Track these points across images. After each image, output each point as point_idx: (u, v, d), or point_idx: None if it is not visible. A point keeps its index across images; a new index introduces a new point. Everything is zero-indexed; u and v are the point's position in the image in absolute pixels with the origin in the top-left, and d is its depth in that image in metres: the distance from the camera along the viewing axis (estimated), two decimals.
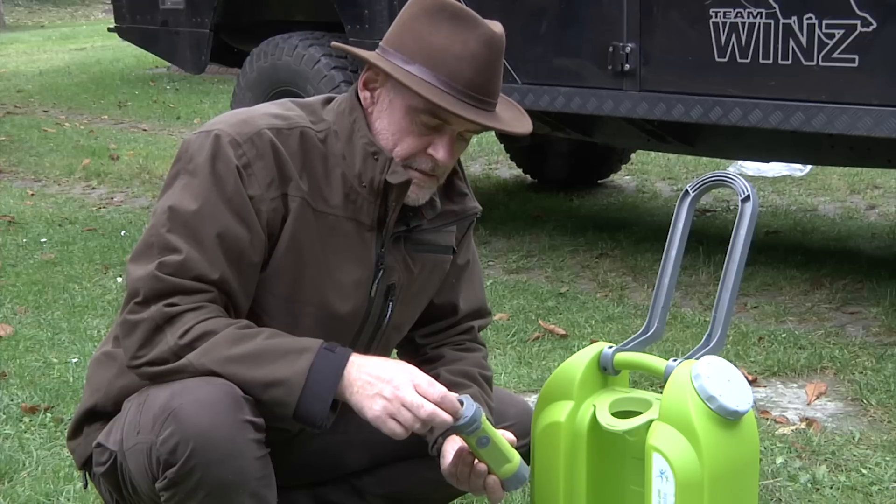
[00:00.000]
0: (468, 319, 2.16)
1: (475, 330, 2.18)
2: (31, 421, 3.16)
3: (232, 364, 1.76)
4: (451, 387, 2.00)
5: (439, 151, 1.85)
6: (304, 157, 1.89)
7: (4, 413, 3.21)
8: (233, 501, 1.76)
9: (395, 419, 1.75)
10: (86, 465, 2.02)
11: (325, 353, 1.78)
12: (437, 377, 2.04)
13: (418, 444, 2.11)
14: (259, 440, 1.78)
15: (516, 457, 1.90)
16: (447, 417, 1.76)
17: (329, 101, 1.98)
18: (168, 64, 11.80)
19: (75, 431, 2.04)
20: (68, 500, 2.64)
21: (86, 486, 2.15)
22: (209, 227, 1.82)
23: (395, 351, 2.21)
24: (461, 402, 1.79)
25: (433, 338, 2.15)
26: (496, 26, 1.86)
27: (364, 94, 1.91)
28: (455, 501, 2.34)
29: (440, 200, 2.00)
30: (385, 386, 1.76)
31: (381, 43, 1.88)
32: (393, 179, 1.87)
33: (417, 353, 2.16)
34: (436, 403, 1.75)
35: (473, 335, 2.17)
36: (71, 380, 3.45)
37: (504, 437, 1.89)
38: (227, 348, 1.77)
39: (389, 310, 2.00)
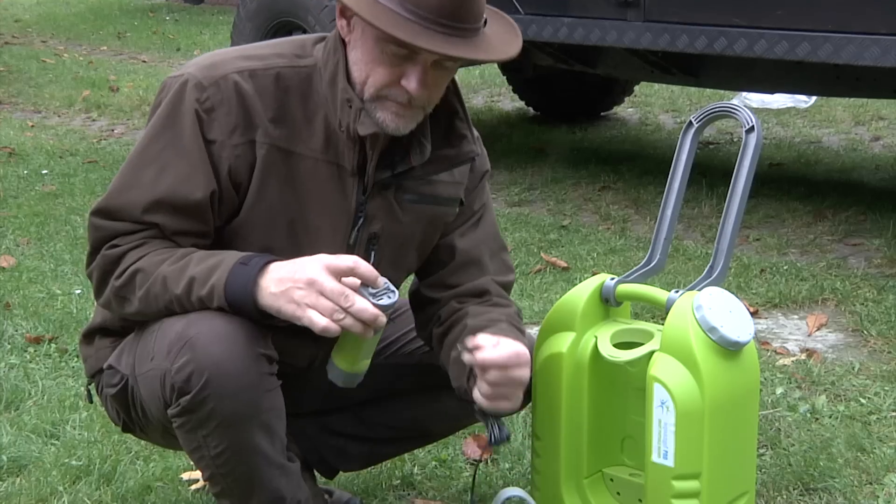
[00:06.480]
0: (478, 271, 2.05)
1: (492, 295, 2.03)
2: (35, 351, 3.18)
3: (158, 285, 1.78)
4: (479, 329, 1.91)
5: (411, 83, 1.78)
6: (280, 100, 1.84)
7: (9, 343, 3.24)
8: (243, 431, 1.78)
9: (314, 309, 1.70)
10: (94, 377, 2.04)
11: (238, 269, 1.75)
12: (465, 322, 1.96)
13: (423, 377, 2.13)
14: (272, 373, 1.79)
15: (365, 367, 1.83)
16: (367, 307, 1.70)
17: (322, 38, 1.94)
18: None
19: (87, 337, 2.05)
20: (74, 428, 2.67)
21: (90, 400, 2.17)
22: (150, 167, 1.82)
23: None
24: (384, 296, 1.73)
25: (441, 290, 2.04)
26: None
27: (341, 23, 1.85)
28: (460, 433, 2.37)
29: (436, 144, 1.92)
30: (299, 278, 1.71)
31: None
32: (362, 131, 1.81)
33: (431, 305, 2.06)
34: (350, 270, 1.71)
35: (493, 295, 2.03)
36: (74, 311, 3.47)
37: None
38: (156, 271, 1.79)
39: (372, 259, 1.93)
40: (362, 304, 1.70)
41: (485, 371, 1.82)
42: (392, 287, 1.76)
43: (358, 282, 1.73)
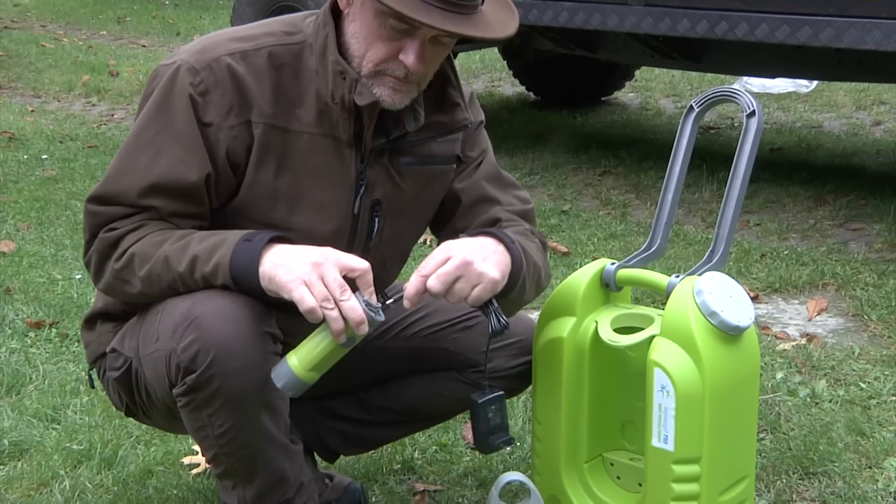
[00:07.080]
0: (487, 206, 2.04)
1: (503, 221, 2.02)
2: (36, 336, 3.18)
3: (161, 265, 1.78)
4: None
5: (409, 57, 1.79)
6: (273, 78, 1.85)
7: (10, 328, 3.24)
8: (248, 411, 1.79)
9: (307, 287, 1.69)
10: (96, 361, 2.04)
11: (242, 245, 1.75)
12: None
13: (424, 360, 2.14)
14: (277, 352, 1.80)
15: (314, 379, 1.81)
16: (357, 310, 1.69)
17: (313, 14, 1.95)
18: None
19: (89, 322, 2.05)
20: (75, 412, 2.68)
21: (92, 385, 2.17)
22: (145, 152, 1.82)
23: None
24: (382, 306, 1.74)
25: (455, 236, 1.97)
26: None
27: None
28: (459, 418, 2.37)
29: (429, 110, 1.93)
30: (306, 257, 1.72)
31: None
32: (360, 101, 1.82)
33: None
34: (363, 272, 1.72)
35: (504, 221, 2.01)
36: (75, 296, 3.47)
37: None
38: (157, 251, 1.78)
39: (377, 225, 1.96)
40: (355, 304, 1.71)
41: (428, 292, 1.79)
42: (382, 314, 1.75)
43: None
